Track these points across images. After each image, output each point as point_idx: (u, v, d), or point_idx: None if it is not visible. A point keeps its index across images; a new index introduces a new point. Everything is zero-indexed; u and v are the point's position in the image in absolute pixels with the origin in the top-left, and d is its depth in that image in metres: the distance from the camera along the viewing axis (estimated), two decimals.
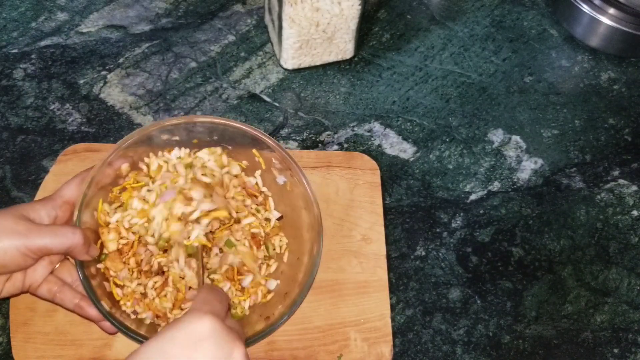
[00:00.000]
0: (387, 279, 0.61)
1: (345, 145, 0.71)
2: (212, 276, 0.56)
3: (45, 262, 0.52)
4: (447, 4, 0.86)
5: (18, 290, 0.51)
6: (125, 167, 0.57)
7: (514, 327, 0.62)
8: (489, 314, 0.62)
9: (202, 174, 0.56)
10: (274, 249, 0.60)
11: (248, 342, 0.51)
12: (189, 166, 0.57)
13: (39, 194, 0.62)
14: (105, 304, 0.51)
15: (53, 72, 0.74)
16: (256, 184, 0.61)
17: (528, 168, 0.72)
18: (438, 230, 0.67)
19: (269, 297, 0.57)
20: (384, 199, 0.67)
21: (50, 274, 0.53)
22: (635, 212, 0.70)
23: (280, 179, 0.60)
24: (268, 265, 0.59)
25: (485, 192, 0.70)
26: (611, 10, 0.78)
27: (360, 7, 0.70)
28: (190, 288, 0.55)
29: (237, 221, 0.58)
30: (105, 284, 0.55)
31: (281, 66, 0.76)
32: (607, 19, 0.78)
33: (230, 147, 0.60)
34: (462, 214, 0.68)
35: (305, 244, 0.57)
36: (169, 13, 0.81)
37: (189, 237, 0.54)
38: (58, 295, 0.52)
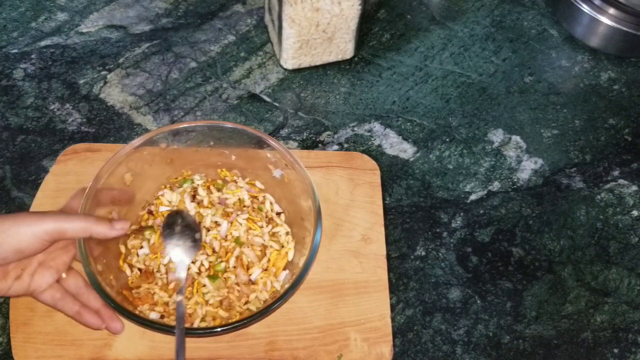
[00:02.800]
0: (387, 279, 0.61)
1: (345, 145, 0.71)
2: (222, 265, 0.57)
3: (52, 270, 0.52)
4: (447, 4, 0.86)
5: (23, 291, 0.51)
6: (127, 176, 0.58)
7: (514, 327, 0.62)
8: (489, 314, 0.62)
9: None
10: (282, 246, 0.60)
11: (257, 316, 0.52)
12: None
13: (39, 194, 0.62)
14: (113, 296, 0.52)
15: (53, 72, 0.74)
16: (254, 185, 0.63)
17: (528, 168, 0.72)
18: (438, 230, 0.67)
19: (278, 285, 0.58)
20: (384, 199, 0.67)
21: (55, 282, 0.53)
22: (635, 212, 0.70)
23: (277, 172, 0.61)
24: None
25: (485, 192, 0.70)
26: (611, 10, 0.78)
27: (360, 7, 0.70)
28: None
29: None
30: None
31: (281, 66, 0.76)
32: (607, 19, 0.78)
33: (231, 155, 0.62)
34: (462, 214, 0.68)
35: (306, 231, 0.58)
36: (169, 13, 0.81)
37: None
38: (59, 302, 0.53)
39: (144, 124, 0.71)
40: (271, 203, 0.62)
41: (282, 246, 0.60)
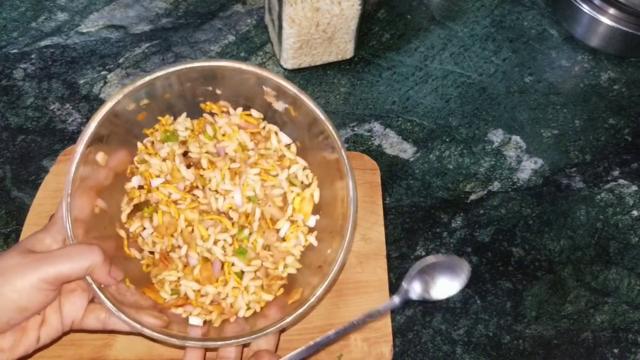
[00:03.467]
0: (387, 279, 0.61)
1: (346, 145, 0.71)
2: (246, 231, 0.52)
3: (77, 291, 0.47)
4: (447, 4, 0.86)
5: (59, 333, 0.46)
6: (100, 156, 0.50)
7: (514, 327, 0.62)
8: (489, 314, 0.62)
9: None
10: (302, 182, 0.54)
11: (310, 303, 0.48)
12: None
13: (39, 194, 0.62)
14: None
15: (53, 72, 0.74)
16: (250, 115, 0.55)
17: (528, 168, 0.72)
18: (438, 230, 0.67)
19: (313, 237, 0.54)
20: (384, 199, 0.67)
21: (90, 303, 0.47)
22: (635, 212, 0.70)
23: (280, 105, 0.53)
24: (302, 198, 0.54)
25: (485, 192, 0.70)
26: (611, 10, 0.78)
27: (360, 7, 0.70)
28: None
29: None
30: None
31: (281, 66, 0.76)
32: (607, 19, 0.78)
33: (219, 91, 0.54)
34: (462, 214, 0.68)
35: (333, 172, 0.52)
36: (169, 13, 0.81)
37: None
38: (110, 322, 0.47)
39: None
40: (276, 133, 0.54)
41: (303, 184, 0.54)
